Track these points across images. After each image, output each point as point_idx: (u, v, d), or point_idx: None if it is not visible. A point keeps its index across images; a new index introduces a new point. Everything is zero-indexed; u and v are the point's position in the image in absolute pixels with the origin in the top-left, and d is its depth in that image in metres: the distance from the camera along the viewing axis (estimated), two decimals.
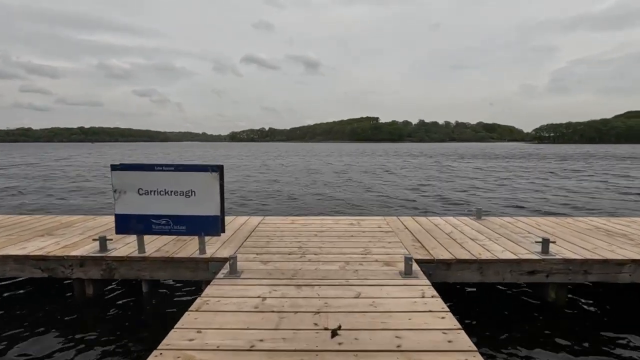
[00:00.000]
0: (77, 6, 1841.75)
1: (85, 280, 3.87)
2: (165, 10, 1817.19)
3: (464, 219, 5.57)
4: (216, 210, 3.74)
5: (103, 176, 19.10)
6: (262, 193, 13.46)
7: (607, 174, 20.07)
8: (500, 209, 10.09)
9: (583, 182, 16.46)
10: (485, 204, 10.96)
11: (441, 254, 3.82)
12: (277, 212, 9.75)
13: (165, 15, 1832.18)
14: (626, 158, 37.37)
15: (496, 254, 3.83)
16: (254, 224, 5.22)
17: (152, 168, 3.73)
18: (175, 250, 3.94)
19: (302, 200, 11.75)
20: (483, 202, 11.19)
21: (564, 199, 11.74)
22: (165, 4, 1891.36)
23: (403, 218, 5.63)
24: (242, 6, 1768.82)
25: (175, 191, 3.74)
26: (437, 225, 5.11)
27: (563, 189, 14.16)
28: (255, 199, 12.01)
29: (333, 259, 3.72)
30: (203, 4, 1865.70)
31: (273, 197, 12.44)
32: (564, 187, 14.83)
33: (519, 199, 11.98)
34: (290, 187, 15.47)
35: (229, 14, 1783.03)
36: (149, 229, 3.78)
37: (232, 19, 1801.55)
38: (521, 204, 10.86)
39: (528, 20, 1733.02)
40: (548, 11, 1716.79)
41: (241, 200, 11.89)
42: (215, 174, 3.71)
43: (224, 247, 4.12)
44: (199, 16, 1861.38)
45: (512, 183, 16.40)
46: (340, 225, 5.15)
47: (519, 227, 5.05)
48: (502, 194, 13.19)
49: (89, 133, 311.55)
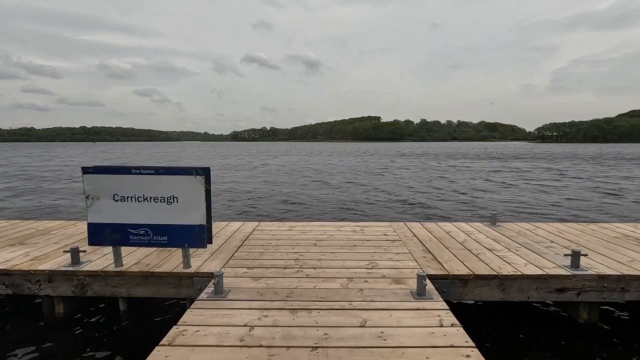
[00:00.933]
0: (77, 6, 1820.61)
1: (55, 297, 3.43)
2: (164, 10, 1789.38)
3: (477, 225, 5.11)
4: (201, 218, 3.30)
5: None
6: (260, 194, 13.01)
7: (622, 176, 19.49)
8: (513, 214, 9.62)
9: (598, 184, 15.95)
10: (496, 207, 10.49)
11: (456, 268, 3.37)
12: (275, 215, 9.31)
13: (165, 15, 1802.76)
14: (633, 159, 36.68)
15: (519, 267, 3.38)
16: (247, 231, 4.77)
17: (128, 171, 3.29)
18: (157, 264, 3.50)
19: (301, 203, 11.29)
20: (492, 206, 10.72)
21: (580, 203, 11.25)
22: (164, 4, 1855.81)
23: (411, 224, 5.18)
24: (242, 6, 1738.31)
25: (155, 197, 3.30)
26: (449, 233, 4.65)
27: (580, 190, 13.65)
28: (252, 201, 11.56)
29: (334, 274, 3.27)
30: (203, 4, 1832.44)
31: (271, 199, 11.99)
32: (580, 188, 14.31)
33: (531, 202, 11.50)
34: (289, 188, 15.02)
35: (228, 14, 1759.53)
36: (125, 240, 3.34)
37: (232, 19, 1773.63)
38: (535, 208, 10.34)
39: (528, 19, 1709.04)
40: (548, 10, 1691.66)
41: (236, 202, 11.42)
42: (200, 177, 3.27)
43: (212, 259, 3.68)
44: (199, 16, 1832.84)
45: (523, 184, 15.89)
46: (341, 233, 4.70)
47: (539, 234, 4.59)
48: (513, 196, 12.70)
49: (91, 133, 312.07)
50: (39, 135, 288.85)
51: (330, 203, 11.20)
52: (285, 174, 21.32)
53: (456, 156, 41.90)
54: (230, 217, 9.00)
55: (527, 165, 27.58)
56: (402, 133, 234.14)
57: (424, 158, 38.15)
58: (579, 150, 62.37)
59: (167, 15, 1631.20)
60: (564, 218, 8.79)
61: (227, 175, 20.64)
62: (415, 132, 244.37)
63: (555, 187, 14.78)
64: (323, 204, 10.98)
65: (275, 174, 20.92)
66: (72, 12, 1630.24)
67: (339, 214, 9.60)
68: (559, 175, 19.39)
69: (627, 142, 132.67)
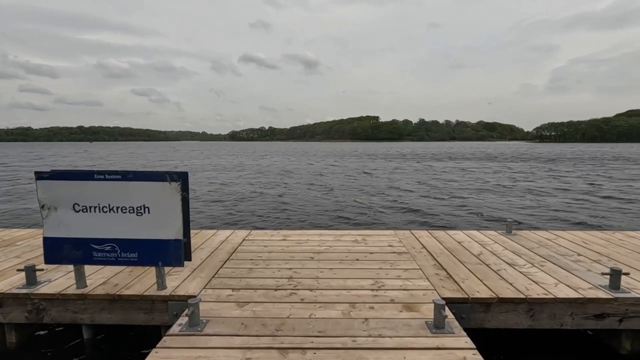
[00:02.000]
0: (75, 6, 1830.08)
1: (6, 324, 2.93)
2: (162, 10, 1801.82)
3: (491, 234, 4.62)
4: (177, 232, 2.81)
5: None
6: (255, 199, 12.47)
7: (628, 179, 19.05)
8: (529, 220, 9.15)
9: (607, 187, 15.50)
10: (503, 209, 10.01)
11: (476, 289, 2.89)
12: (269, 222, 8.80)
13: (164, 15, 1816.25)
14: None
15: (549, 288, 2.89)
16: (237, 241, 4.28)
17: (91, 176, 2.79)
18: (127, 284, 3.00)
19: (299, 208, 10.78)
20: (498, 209, 10.25)
21: (595, 206, 10.78)
22: (164, 3, 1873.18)
23: (418, 233, 4.69)
24: (241, 6, 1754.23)
25: (123, 207, 2.80)
26: (461, 244, 4.17)
27: (590, 195, 13.19)
28: (246, 206, 11.02)
29: (334, 297, 2.78)
30: (202, 4, 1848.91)
31: (266, 203, 11.47)
32: (590, 192, 13.84)
33: (550, 206, 11.03)
34: (286, 190, 14.51)
35: (227, 14, 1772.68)
36: (88, 257, 2.84)
37: (230, 19, 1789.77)
38: (552, 213, 9.76)
39: (528, 19, 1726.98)
40: (548, 10, 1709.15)
41: (229, 207, 10.87)
42: (175, 184, 2.77)
43: (192, 277, 3.18)
44: (197, 15, 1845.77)
45: (535, 187, 15.43)
46: (342, 243, 4.21)
47: (562, 245, 4.11)
48: (526, 201, 12.23)
49: (89, 132, 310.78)
50: (37, 135, 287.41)
51: (330, 207, 10.71)
52: (282, 176, 20.83)
53: (456, 157, 41.46)
54: (220, 222, 8.49)
55: (529, 165, 27.16)
56: (401, 133, 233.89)
57: (426, 161, 37.69)
58: (580, 149, 61.99)
59: (166, 14, 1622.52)
60: (579, 224, 8.30)
61: (219, 176, 20.13)
62: (414, 131, 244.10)
63: (563, 189, 14.32)
64: (321, 209, 10.49)
65: (274, 176, 20.42)
66: (70, 11, 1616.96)
67: (339, 219, 9.10)
68: (560, 176, 18.96)
69: (626, 142, 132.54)
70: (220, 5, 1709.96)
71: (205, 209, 10.42)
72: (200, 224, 8.29)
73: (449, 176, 19.34)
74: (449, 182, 16.52)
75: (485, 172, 21.85)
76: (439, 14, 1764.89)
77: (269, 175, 20.59)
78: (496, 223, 8.15)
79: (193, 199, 11.89)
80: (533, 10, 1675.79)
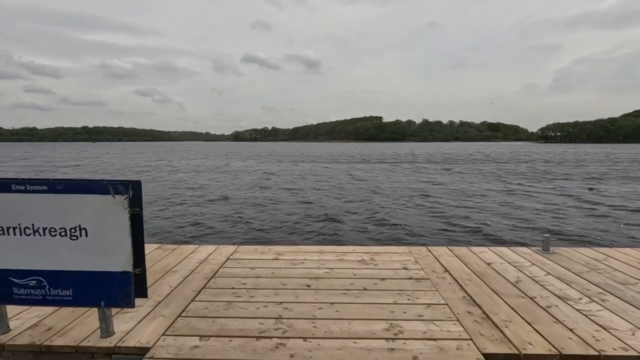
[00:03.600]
0: (78, 6, 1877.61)
1: None
2: (165, 9, 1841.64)
3: (524, 251, 3.87)
4: (125, 261, 2.09)
5: None
6: (249, 207, 11.52)
7: None
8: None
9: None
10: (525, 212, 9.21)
11: (527, 339, 2.14)
12: (262, 232, 8.05)
13: (165, 15, 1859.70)
14: None
15: (625, 338, 2.14)
16: (219, 261, 3.55)
17: (7, 187, 2.07)
18: (63, 327, 2.29)
19: (295, 219, 9.52)
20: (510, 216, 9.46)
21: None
22: (166, 3, 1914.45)
23: (436, 249, 3.94)
24: (243, 6, 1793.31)
25: (52, 229, 2.08)
26: (491, 265, 3.42)
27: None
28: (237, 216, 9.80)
29: (336, 353, 2.04)
30: (204, 3, 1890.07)
31: (262, 213, 10.64)
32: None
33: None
34: (282, 196, 13.77)
35: (230, 14, 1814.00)
36: (6, 296, 2.13)
37: (233, 19, 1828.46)
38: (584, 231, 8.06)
39: (530, 18, 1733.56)
40: (550, 9, 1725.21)
41: (220, 216, 9.74)
42: (121, 197, 2.05)
43: (152, 315, 2.46)
44: (200, 15, 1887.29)
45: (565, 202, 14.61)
46: (346, 264, 3.47)
47: (617, 268, 3.35)
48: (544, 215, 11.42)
49: (93, 132, 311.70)
50: (41, 135, 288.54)
51: (327, 217, 9.95)
52: (283, 182, 20.13)
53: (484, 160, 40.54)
54: (208, 236, 7.73)
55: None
56: (404, 133, 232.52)
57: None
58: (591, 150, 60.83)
59: (168, 14, 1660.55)
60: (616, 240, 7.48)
61: (211, 182, 19.46)
62: (417, 132, 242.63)
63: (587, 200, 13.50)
64: (317, 220, 9.73)
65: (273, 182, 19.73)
66: (72, 11, 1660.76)
67: (338, 233, 8.35)
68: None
69: (633, 143, 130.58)
70: (222, 5, 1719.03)
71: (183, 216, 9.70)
72: (183, 235, 7.57)
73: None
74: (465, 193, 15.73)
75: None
76: (440, 13, 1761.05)
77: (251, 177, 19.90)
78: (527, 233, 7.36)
79: (174, 204, 11.25)
80: (535, 10, 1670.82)
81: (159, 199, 12.22)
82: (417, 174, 21.69)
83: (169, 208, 10.64)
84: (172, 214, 9.75)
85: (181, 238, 7.32)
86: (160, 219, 9.16)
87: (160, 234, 7.64)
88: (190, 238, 7.33)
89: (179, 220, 8.96)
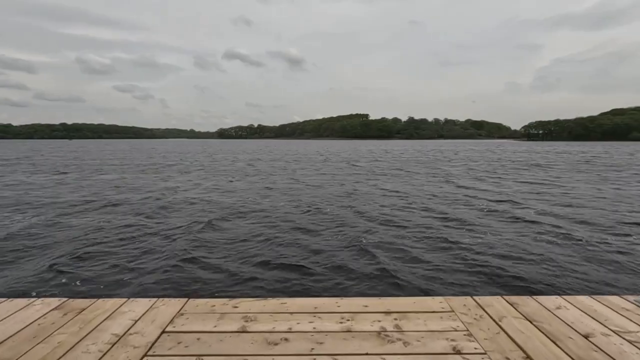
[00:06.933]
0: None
1: None
2: (146, 3, 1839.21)
3: (612, 301, 2.61)
4: None
5: None
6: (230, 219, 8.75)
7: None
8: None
9: None
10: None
11: None
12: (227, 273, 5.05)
13: (146, 8, 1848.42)
14: None
15: None
16: (150, 335, 2.16)
17: None
18: None
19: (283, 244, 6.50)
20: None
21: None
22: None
23: (487, 302, 2.63)
24: (228, 0, 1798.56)
25: None
26: (572, 325, 2.17)
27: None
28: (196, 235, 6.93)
29: None
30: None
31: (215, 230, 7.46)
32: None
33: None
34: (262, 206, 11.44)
35: (213, 8, 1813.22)
36: None
37: (216, 14, 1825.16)
38: None
39: (513, 18, 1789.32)
40: (532, 9, 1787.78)
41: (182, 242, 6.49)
42: None
43: None
44: (182, 10, 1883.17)
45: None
46: (357, 340, 2.13)
47: None
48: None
49: (72, 130, 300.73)
50: (17, 132, 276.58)
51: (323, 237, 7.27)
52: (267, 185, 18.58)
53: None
54: None
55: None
56: (390, 131, 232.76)
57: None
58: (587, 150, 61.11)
59: (149, 7, 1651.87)
60: None
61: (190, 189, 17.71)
62: (403, 129, 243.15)
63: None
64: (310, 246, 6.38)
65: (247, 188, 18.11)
66: (47, 3, 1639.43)
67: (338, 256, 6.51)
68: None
69: (611, 141, 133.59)
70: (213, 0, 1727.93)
71: None
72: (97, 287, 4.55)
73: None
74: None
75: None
76: (427, 12, 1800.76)
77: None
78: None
79: None
80: (518, 10, 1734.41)
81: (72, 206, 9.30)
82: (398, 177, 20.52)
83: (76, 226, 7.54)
84: None
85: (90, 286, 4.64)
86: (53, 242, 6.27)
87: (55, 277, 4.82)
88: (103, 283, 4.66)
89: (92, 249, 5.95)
